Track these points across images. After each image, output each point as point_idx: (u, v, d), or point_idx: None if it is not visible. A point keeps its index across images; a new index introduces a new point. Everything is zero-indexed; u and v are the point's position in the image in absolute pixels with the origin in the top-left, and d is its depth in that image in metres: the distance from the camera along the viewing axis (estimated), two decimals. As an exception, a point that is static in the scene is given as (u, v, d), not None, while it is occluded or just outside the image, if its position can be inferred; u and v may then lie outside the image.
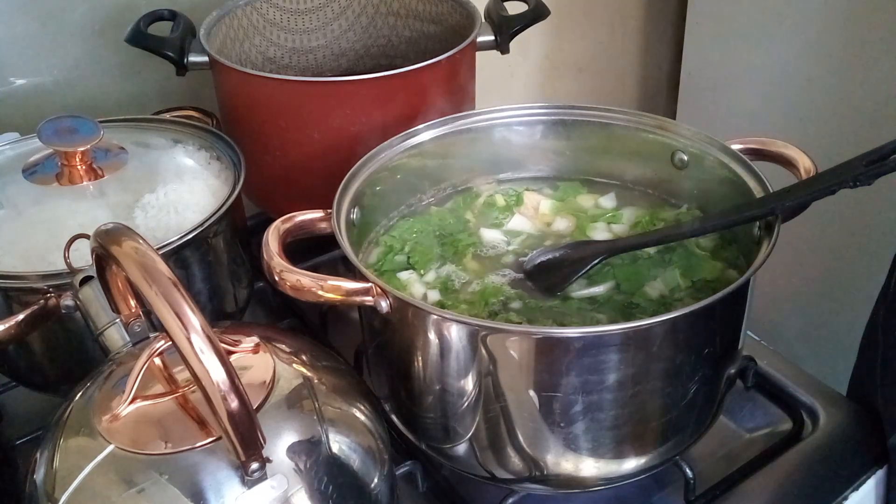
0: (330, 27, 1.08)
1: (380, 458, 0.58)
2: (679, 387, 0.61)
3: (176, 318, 0.45)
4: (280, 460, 0.51)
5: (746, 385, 0.80)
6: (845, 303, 1.33)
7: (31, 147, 0.80)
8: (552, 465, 0.62)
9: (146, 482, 0.49)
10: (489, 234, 0.78)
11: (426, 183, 0.81)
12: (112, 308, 0.59)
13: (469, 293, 0.71)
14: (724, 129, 0.82)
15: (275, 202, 0.95)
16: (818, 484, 0.73)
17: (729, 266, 0.71)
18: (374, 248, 0.77)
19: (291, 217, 0.66)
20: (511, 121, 0.81)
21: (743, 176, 0.70)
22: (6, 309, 0.68)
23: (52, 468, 0.52)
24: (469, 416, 0.62)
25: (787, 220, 0.65)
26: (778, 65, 1.31)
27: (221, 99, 0.93)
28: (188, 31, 0.92)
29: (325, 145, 0.86)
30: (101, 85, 1.03)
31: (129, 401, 0.53)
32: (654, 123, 0.78)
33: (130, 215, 0.73)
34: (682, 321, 0.57)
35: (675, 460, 0.68)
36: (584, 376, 0.57)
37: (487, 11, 0.97)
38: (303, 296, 0.60)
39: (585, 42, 1.49)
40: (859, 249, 1.29)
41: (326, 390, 0.58)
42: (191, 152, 0.82)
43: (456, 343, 0.59)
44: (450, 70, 0.88)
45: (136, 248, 0.49)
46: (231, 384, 0.46)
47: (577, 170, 0.83)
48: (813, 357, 1.35)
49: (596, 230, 0.77)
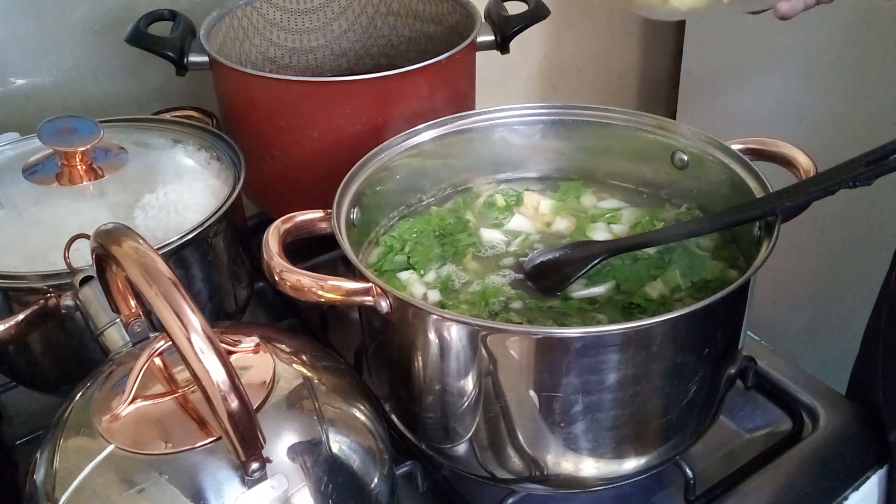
0: (330, 27, 1.08)
1: (380, 458, 0.58)
2: (679, 387, 0.61)
3: (176, 318, 0.45)
4: (280, 460, 0.51)
5: (746, 385, 0.80)
6: (845, 303, 1.33)
7: (31, 147, 0.80)
8: (552, 465, 0.62)
9: (146, 482, 0.49)
10: (489, 235, 0.78)
11: (426, 183, 0.81)
12: (112, 308, 0.59)
13: (469, 293, 0.71)
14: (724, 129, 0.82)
15: (275, 202, 0.95)
16: (818, 484, 0.73)
17: (729, 266, 0.71)
18: (374, 248, 0.77)
19: (291, 217, 0.66)
20: (511, 121, 0.81)
21: (743, 176, 0.70)
22: (6, 309, 0.68)
23: (52, 468, 0.52)
24: (469, 416, 0.62)
25: (787, 220, 0.65)
26: (778, 65, 1.31)
27: (221, 99, 0.93)
28: (188, 31, 0.92)
29: (325, 145, 0.86)
30: (101, 85, 1.03)
31: (129, 401, 0.53)
32: (654, 123, 0.78)
33: (130, 215, 0.73)
34: (682, 321, 0.57)
35: (675, 460, 0.68)
36: (584, 376, 0.57)
37: (487, 11, 0.97)
38: (303, 296, 0.60)
39: (585, 42, 1.49)
40: (859, 249, 1.29)
41: (326, 390, 0.58)
42: (191, 152, 0.82)
43: (456, 343, 0.59)
44: (450, 70, 0.88)
45: (136, 248, 0.49)
46: (231, 384, 0.46)
47: (577, 170, 0.83)
48: (813, 357, 1.35)
49: (596, 230, 0.77)
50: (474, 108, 0.93)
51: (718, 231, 0.72)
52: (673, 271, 0.70)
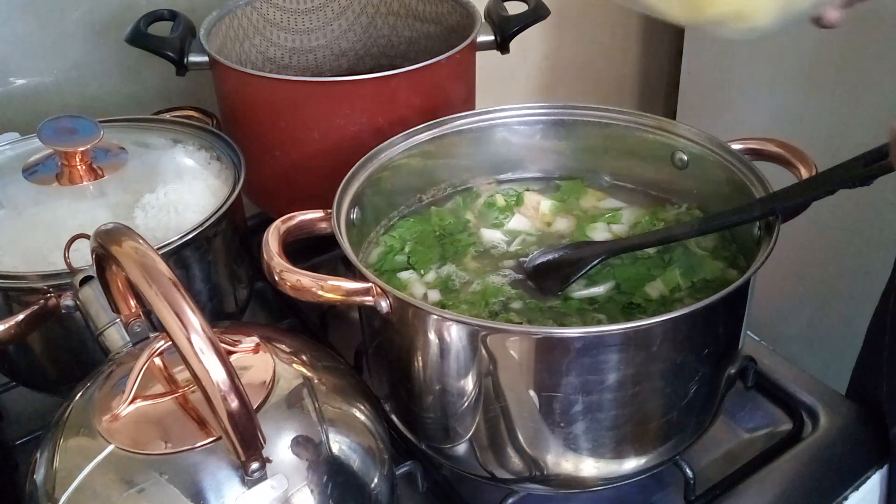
0: (330, 27, 1.08)
1: (380, 458, 0.58)
2: (679, 387, 0.61)
3: (176, 318, 0.45)
4: (280, 460, 0.51)
5: (746, 385, 0.80)
6: (845, 303, 1.33)
7: (31, 147, 0.80)
8: (552, 465, 0.62)
9: (146, 482, 0.49)
10: (489, 235, 0.78)
11: (426, 183, 0.81)
12: (112, 308, 0.59)
13: (469, 293, 0.71)
14: (724, 129, 0.82)
15: (275, 202, 0.95)
16: (818, 484, 0.73)
17: (729, 266, 0.71)
18: (374, 248, 0.77)
19: (291, 217, 0.66)
20: (511, 121, 0.81)
21: (743, 176, 0.70)
22: (6, 309, 0.68)
23: (52, 468, 0.52)
24: (469, 416, 0.62)
25: (787, 220, 0.65)
26: (778, 65, 1.31)
27: (221, 99, 0.93)
28: (188, 31, 0.92)
29: (325, 145, 0.86)
30: (101, 85, 1.03)
31: (129, 401, 0.53)
32: (654, 123, 0.78)
33: (130, 215, 0.73)
34: (682, 321, 0.57)
35: (675, 460, 0.68)
36: (584, 376, 0.57)
37: (487, 11, 0.97)
38: (303, 296, 0.60)
39: (585, 42, 1.49)
40: (859, 249, 1.29)
41: (326, 390, 0.58)
42: (191, 152, 0.82)
43: (456, 343, 0.59)
44: (450, 70, 0.88)
45: (136, 248, 0.49)
46: (231, 384, 0.46)
47: (577, 170, 0.83)
48: (813, 357, 1.34)
49: (596, 230, 0.77)
50: (474, 108, 0.93)
51: (718, 231, 0.72)
52: (673, 271, 0.70)
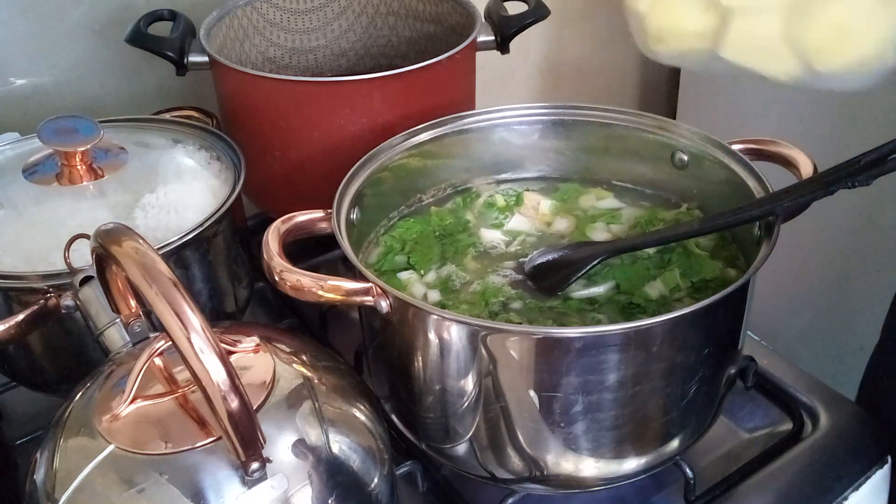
0: (330, 27, 1.08)
1: (380, 458, 0.58)
2: (679, 387, 0.61)
3: (176, 318, 0.45)
4: (280, 460, 0.51)
5: (746, 385, 0.80)
6: (846, 303, 1.33)
7: (31, 147, 0.80)
8: (552, 465, 0.62)
9: (146, 482, 0.49)
10: (489, 235, 0.78)
11: (426, 183, 0.81)
12: (112, 308, 0.59)
13: (469, 293, 0.71)
14: (724, 129, 0.82)
15: (275, 202, 0.95)
16: (818, 484, 0.73)
17: (729, 266, 0.71)
18: (374, 248, 0.77)
19: (291, 217, 0.66)
20: (511, 121, 0.81)
21: (743, 176, 0.70)
22: (6, 309, 0.68)
23: (52, 468, 0.52)
24: (469, 416, 0.62)
25: (787, 220, 0.65)
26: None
27: (221, 99, 0.93)
28: (188, 31, 0.92)
29: (325, 145, 0.86)
30: (102, 85, 1.03)
31: (129, 401, 0.53)
32: (654, 123, 0.78)
33: (130, 215, 0.73)
34: (682, 321, 0.57)
35: (675, 460, 0.68)
36: (584, 376, 0.57)
37: (487, 11, 0.97)
38: (303, 296, 0.60)
39: (585, 42, 1.49)
40: (859, 249, 1.29)
41: (326, 390, 0.58)
42: (191, 152, 0.82)
43: (456, 343, 0.59)
44: (450, 70, 0.88)
45: (136, 248, 0.49)
46: (231, 384, 0.46)
47: (577, 170, 0.83)
48: (813, 357, 1.35)
49: (596, 230, 0.77)
50: (474, 108, 0.93)
51: (718, 231, 0.72)
52: (673, 271, 0.70)
